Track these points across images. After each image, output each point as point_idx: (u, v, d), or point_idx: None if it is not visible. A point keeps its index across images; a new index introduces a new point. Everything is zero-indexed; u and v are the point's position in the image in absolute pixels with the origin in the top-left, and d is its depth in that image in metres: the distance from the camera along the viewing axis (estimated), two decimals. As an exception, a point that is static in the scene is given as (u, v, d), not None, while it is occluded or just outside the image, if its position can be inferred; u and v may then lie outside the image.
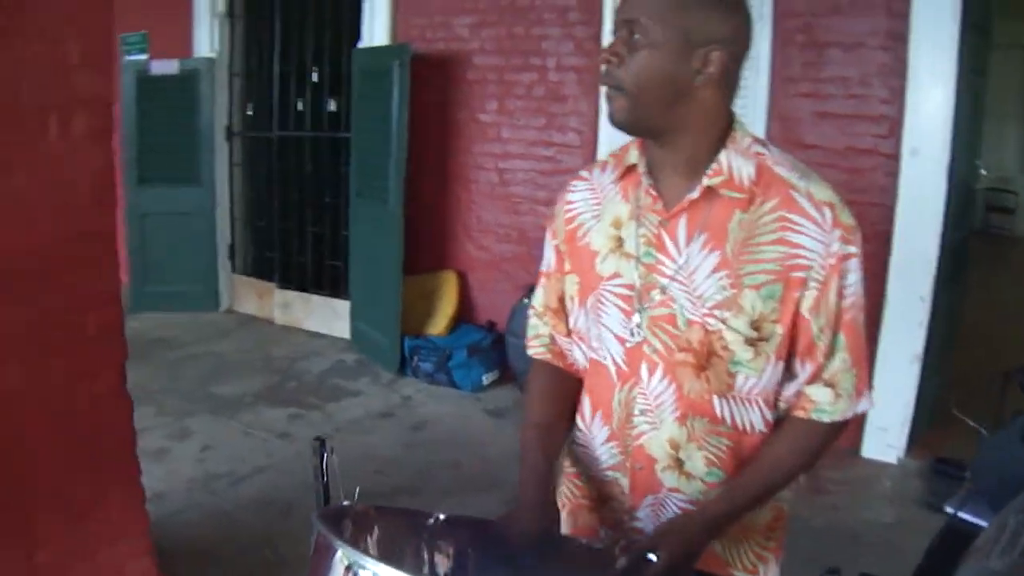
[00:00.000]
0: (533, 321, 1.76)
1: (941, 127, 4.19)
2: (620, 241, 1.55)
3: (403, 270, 5.72)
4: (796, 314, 1.45)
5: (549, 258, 1.71)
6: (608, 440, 1.63)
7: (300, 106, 6.86)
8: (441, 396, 5.51)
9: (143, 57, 7.07)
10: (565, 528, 1.77)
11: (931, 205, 4.28)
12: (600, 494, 1.69)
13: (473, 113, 5.93)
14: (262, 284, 7.14)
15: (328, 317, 6.67)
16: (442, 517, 1.61)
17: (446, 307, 6.05)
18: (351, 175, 6.24)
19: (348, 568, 1.18)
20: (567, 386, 1.72)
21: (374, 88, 5.80)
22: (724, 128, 1.48)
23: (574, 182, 1.68)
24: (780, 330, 1.45)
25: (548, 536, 1.55)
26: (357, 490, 1.55)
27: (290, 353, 6.30)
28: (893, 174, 4.33)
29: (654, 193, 1.51)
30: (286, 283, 6.97)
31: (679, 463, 1.56)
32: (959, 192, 4.49)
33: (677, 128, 1.46)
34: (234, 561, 3.43)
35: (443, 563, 1.60)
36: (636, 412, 1.57)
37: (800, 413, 1.52)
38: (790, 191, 1.44)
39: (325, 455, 1.55)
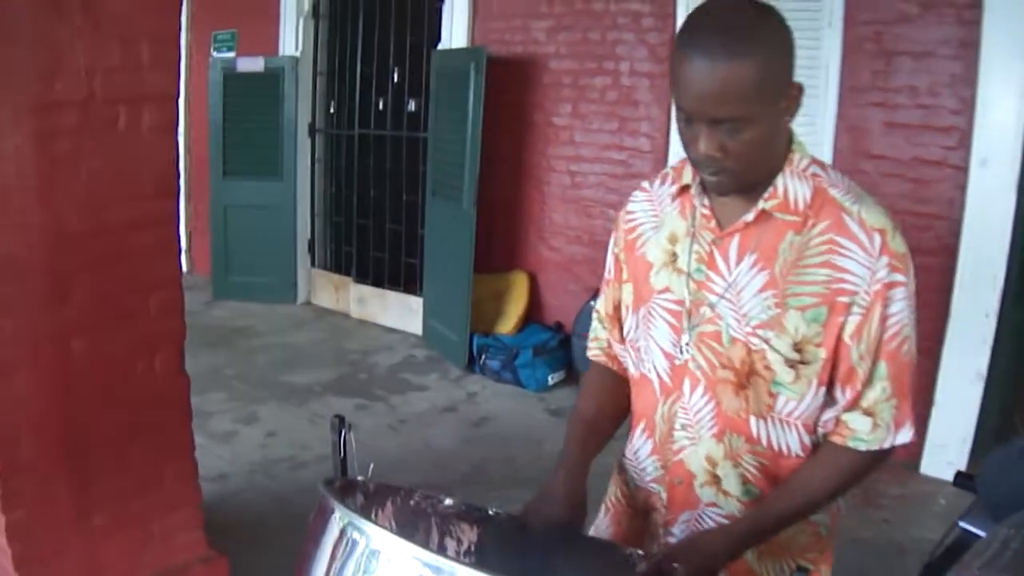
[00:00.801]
0: (595, 324, 1.80)
1: (1012, 139, 4.10)
2: (674, 256, 1.57)
3: (475, 269, 5.81)
4: (839, 339, 1.44)
5: (610, 265, 1.74)
6: (651, 453, 1.66)
7: (381, 105, 7.03)
8: (506, 394, 5.58)
9: (231, 55, 7.33)
10: (606, 532, 1.81)
11: (1000, 219, 4.19)
12: (642, 504, 1.72)
13: (547, 116, 6.00)
14: (339, 278, 7.31)
15: (403, 313, 6.80)
16: (455, 503, 1.66)
17: (516, 307, 6.12)
18: (427, 174, 6.37)
19: (343, 531, 1.21)
20: (619, 388, 1.75)
21: (451, 89, 5.92)
22: (784, 148, 1.48)
23: (635, 192, 1.71)
24: (823, 354, 1.45)
25: (568, 531, 1.57)
26: (371, 466, 1.62)
27: (362, 346, 6.46)
28: (961, 186, 4.26)
29: (707, 212, 1.52)
30: (363, 278, 7.13)
31: (716, 480, 1.58)
32: (1032, 207, 4.40)
33: (770, 166, 1.47)
34: (284, 541, 3.53)
35: (452, 546, 1.64)
36: (677, 427, 1.59)
37: (837, 439, 1.50)
38: (842, 214, 1.43)
39: (343, 432, 1.62)
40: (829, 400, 1.50)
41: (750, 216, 1.46)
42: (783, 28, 1.38)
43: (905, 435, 1.49)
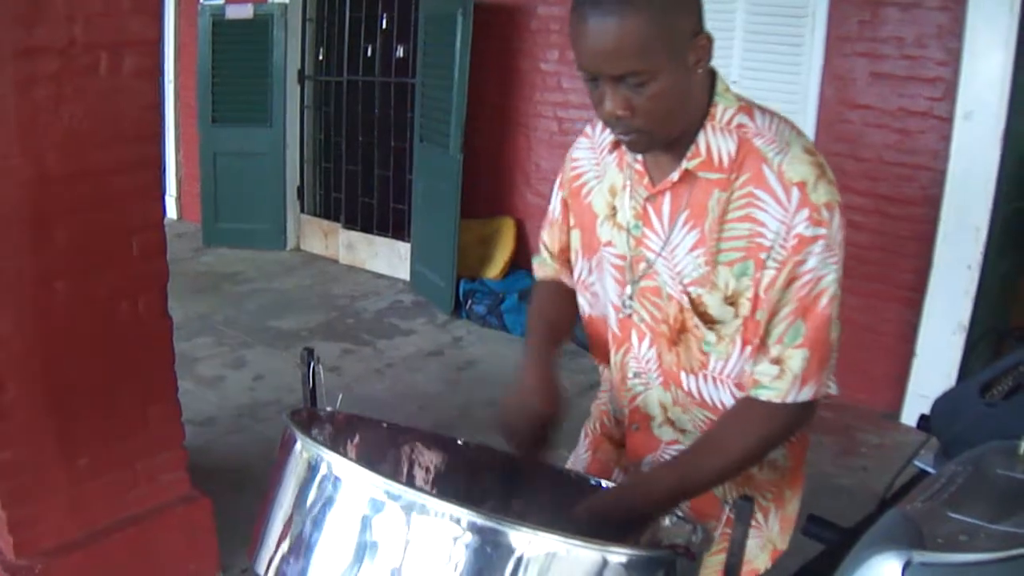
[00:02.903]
0: (544, 255, 1.79)
1: (997, 92, 4.09)
2: (614, 210, 1.57)
3: (462, 214, 5.83)
4: (756, 293, 1.42)
5: (556, 206, 1.74)
6: (610, 401, 1.73)
7: (369, 52, 6.99)
8: (491, 338, 5.63)
9: (219, 1, 7.27)
10: (583, 457, 1.85)
11: (983, 171, 4.19)
12: (619, 436, 1.76)
13: (535, 62, 5.98)
14: (328, 224, 7.33)
15: (391, 258, 6.82)
16: (422, 433, 1.70)
17: (502, 252, 6.16)
18: (415, 120, 6.36)
19: (306, 460, 1.25)
20: (572, 300, 1.74)
21: (438, 35, 5.89)
22: (705, 102, 1.44)
23: (580, 139, 1.70)
24: (747, 309, 1.44)
25: (532, 461, 1.61)
26: (340, 397, 1.65)
27: (350, 292, 6.49)
28: (946, 137, 4.26)
29: (640, 169, 1.52)
30: (351, 224, 7.15)
31: (672, 421, 1.62)
32: (1016, 160, 4.40)
33: (685, 122, 1.43)
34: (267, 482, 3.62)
35: (420, 475, 1.68)
36: (630, 375, 1.62)
37: (745, 392, 1.49)
38: (762, 166, 1.39)
39: (312, 364, 1.65)
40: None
41: (675, 176, 1.45)
42: None
43: (809, 391, 1.44)
